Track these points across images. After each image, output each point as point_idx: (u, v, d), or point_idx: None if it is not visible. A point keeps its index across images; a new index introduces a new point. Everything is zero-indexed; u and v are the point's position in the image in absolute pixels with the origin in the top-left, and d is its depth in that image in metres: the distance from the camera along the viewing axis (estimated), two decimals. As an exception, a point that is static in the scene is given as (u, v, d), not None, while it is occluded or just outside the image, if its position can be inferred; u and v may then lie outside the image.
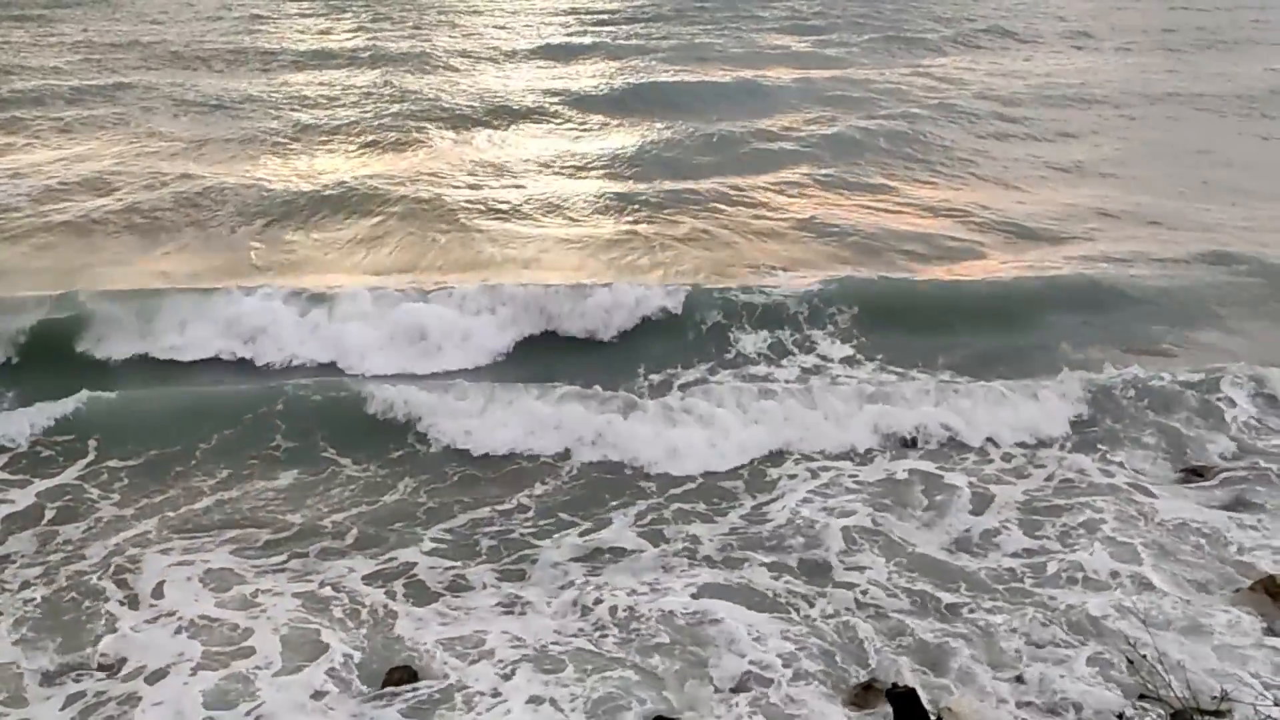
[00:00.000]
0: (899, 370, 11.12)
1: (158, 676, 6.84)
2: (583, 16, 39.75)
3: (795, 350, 11.49)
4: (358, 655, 7.04)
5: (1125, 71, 28.58)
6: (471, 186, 17.11)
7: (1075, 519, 8.67)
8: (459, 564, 8.13)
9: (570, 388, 10.23)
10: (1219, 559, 8.11)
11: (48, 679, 6.88)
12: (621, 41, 32.67)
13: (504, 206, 16.07)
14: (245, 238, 14.68)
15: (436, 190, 16.65)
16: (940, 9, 41.72)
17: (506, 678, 6.81)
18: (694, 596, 7.63)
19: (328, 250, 14.34)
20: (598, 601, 7.58)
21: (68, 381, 10.25)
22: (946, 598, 7.63)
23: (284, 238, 14.74)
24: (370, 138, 20.22)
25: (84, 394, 9.94)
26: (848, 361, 11.29)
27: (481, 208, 15.96)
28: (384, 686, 6.67)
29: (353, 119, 21.51)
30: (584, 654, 7.02)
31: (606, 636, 7.23)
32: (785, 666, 6.85)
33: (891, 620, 7.38)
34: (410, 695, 6.61)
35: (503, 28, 37.11)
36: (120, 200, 15.97)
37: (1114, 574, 7.91)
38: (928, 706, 6.28)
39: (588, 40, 33.13)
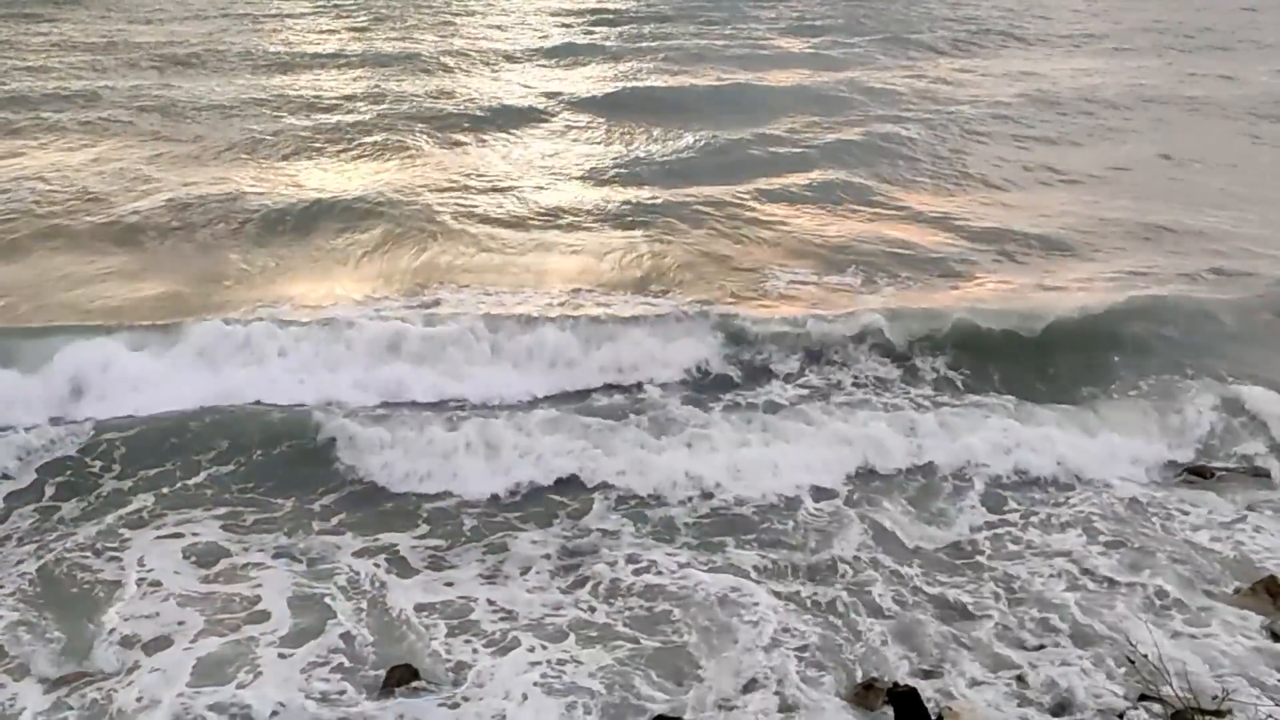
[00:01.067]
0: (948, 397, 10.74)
1: (158, 646, 7.00)
2: (579, 17, 39.68)
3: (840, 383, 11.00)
4: (358, 635, 7.18)
5: (1128, 74, 28.53)
6: (466, 193, 16.78)
7: (1077, 519, 8.69)
8: (446, 543, 8.33)
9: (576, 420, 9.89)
10: (1220, 559, 8.11)
11: (45, 652, 6.97)
12: (619, 44, 32.60)
13: (501, 214, 15.77)
14: (231, 250, 14.21)
15: (431, 197, 16.34)
16: (941, 10, 41.72)
17: (504, 651, 7.03)
18: (681, 577, 7.79)
19: (321, 262, 13.96)
20: (584, 578, 7.83)
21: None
22: (947, 595, 7.64)
23: (274, 249, 14.28)
24: (361, 143, 19.83)
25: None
26: (893, 389, 10.87)
27: (478, 216, 15.62)
28: (385, 686, 6.65)
29: (343, 123, 21.15)
30: (578, 624, 7.29)
31: (595, 610, 7.45)
32: (782, 662, 6.85)
33: (892, 617, 7.38)
34: (414, 693, 6.64)
35: (498, 28, 37.03)
36: (102, 208, 15.57)
37: (1115, 574, 7.92)
38: (929, 706, 6.28)
39: (585, 41, 33.03)
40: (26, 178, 17.11)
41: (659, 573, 7.89)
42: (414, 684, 6.63)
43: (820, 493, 9.00)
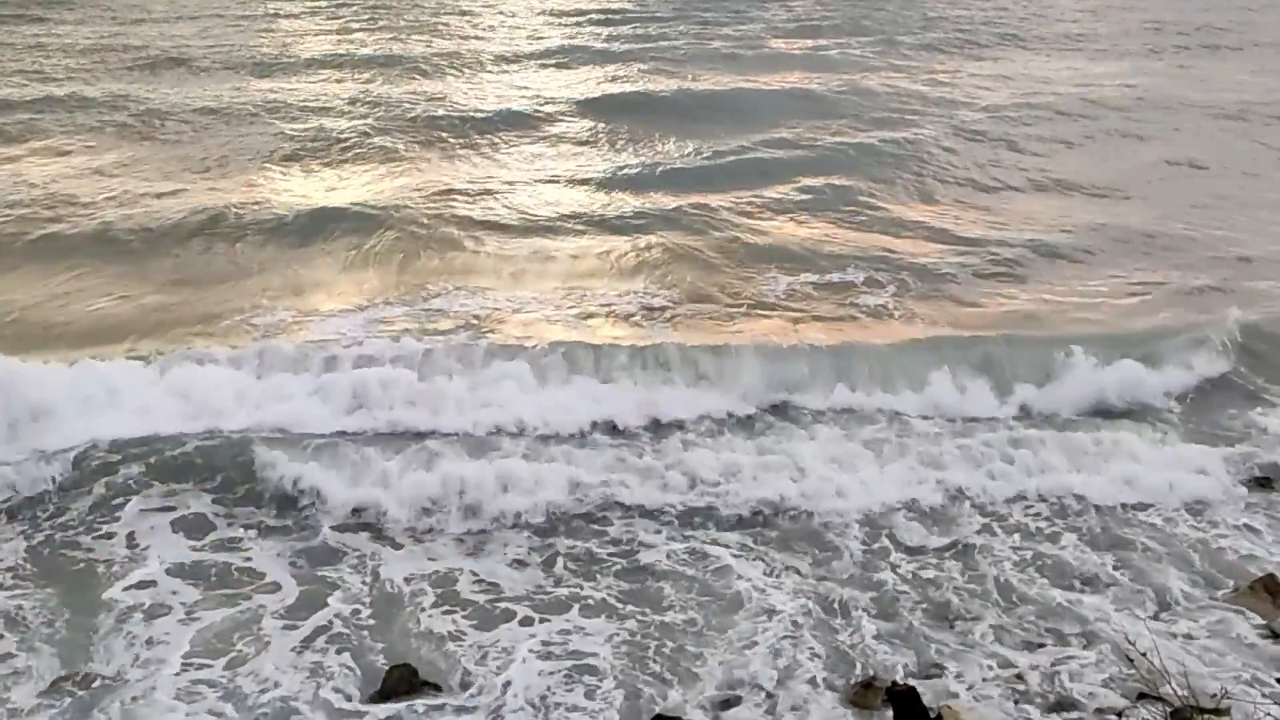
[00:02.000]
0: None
1: (157, 613, 7.23)
2: (572, 17, 39.58)
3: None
4: (356, 610, 7.37)
5: (1128, 76, 28.47)
6: (460, 200, 16.49)
7: (1076, 519, 8.71)
8: (432, 521, 8.48)
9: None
10: (1218, 558, 8.14)
11: (45, 623, 7.11)
12: (616, 45, 32.52)
13: (495, 224, 15.49)
14: (221, 258, 14.01)
15: (424, 204, 16.04)
16: (940, 9, 41.71)
17: (493, 625, 7.26)
18: (677, 569, 7.90)
19: (315, 272, 13.70)
20: (566, 555, 8.09)
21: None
22: (946, 595, 7.64)
23: (267, 257, 14.05)
24: (353, 149, 19.53)
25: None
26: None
27: (472, 225, 15.33)
28: (383, 688, 6.63)
29: (335, 129, 20.83)
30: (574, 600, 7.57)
31: (585, 590, 7.68)
32: (781, 659, 6.85)
33: (892, 616, 7.39)
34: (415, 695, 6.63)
35: (492, 28, 36.93)
36: (90, 215, 15.27)
37: (1114, 574, 7.93)
38: (927, 705, 6.28)
39: (581, 43, 32.95)
40: (9, 184, 16.78)
41: (658, 565, 7.96)
42: (415, 684, 6.61)
43: (822, 495, 8.91)
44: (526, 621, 7.28)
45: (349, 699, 6.55)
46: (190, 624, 7.15)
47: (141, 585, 7.54)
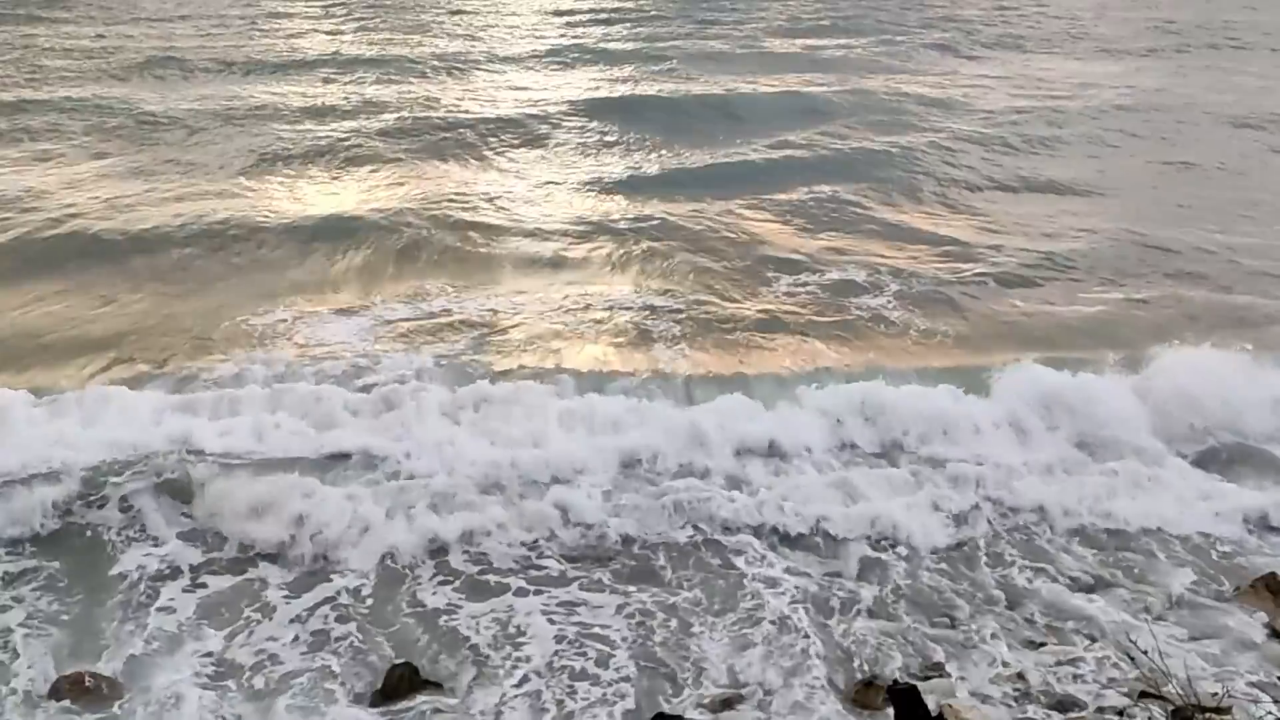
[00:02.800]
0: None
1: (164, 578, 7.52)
2: (566, 17, 39.51)
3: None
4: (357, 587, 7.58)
5: (1130, 79, 28.32)
6: (451, 207, 16.18)
7: (1076, 518, 8.68)
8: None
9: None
10: (1221, 556, 8.14)
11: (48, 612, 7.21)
12: (613, 46, 32.46)
13: (489, 233, 15.17)
14: (213, 269, 13.73)
15: (420, 212, 15.77)
16: (940, 10, 41.69)
17: (484, 597, 7.54)
18: (679, 565, 7.96)
19: (308, 283, 13.36)
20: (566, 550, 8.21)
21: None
22: (949, 594, 7.65)
23: (261, 267, 13.81)
24: (345, 156, 19.20)
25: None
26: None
27: (464, 233, 15.05)
28: (384, 687, 6.61)
29: (327, 134, 20.54)
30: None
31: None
32: (782, 659, 6.85)
33: (893, 615, 7.39)
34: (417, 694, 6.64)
35: (487, 28, 36.83)
36: (75, 224, 14.94)
37: (1115, 573, 7.93)
38: (929, 704, 6.27)
39: (577, 44, 32.83)
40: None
41: (657, 564, 7.97)
42: (416, 683, 6.61)
43: (827, 499, 8.82)
44: (521, 592, 7.53)
45: (351, 690, 6.63)
46: (195, 591, 7.39)
47: (144, 555, 7.75)
